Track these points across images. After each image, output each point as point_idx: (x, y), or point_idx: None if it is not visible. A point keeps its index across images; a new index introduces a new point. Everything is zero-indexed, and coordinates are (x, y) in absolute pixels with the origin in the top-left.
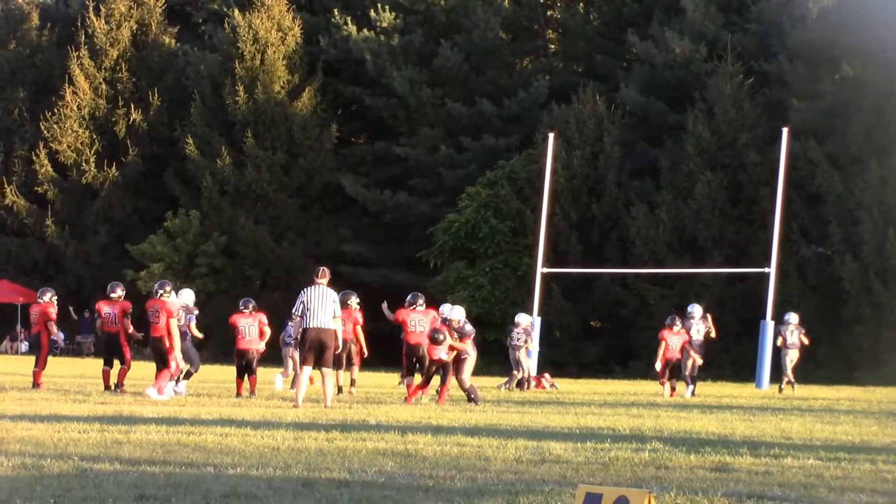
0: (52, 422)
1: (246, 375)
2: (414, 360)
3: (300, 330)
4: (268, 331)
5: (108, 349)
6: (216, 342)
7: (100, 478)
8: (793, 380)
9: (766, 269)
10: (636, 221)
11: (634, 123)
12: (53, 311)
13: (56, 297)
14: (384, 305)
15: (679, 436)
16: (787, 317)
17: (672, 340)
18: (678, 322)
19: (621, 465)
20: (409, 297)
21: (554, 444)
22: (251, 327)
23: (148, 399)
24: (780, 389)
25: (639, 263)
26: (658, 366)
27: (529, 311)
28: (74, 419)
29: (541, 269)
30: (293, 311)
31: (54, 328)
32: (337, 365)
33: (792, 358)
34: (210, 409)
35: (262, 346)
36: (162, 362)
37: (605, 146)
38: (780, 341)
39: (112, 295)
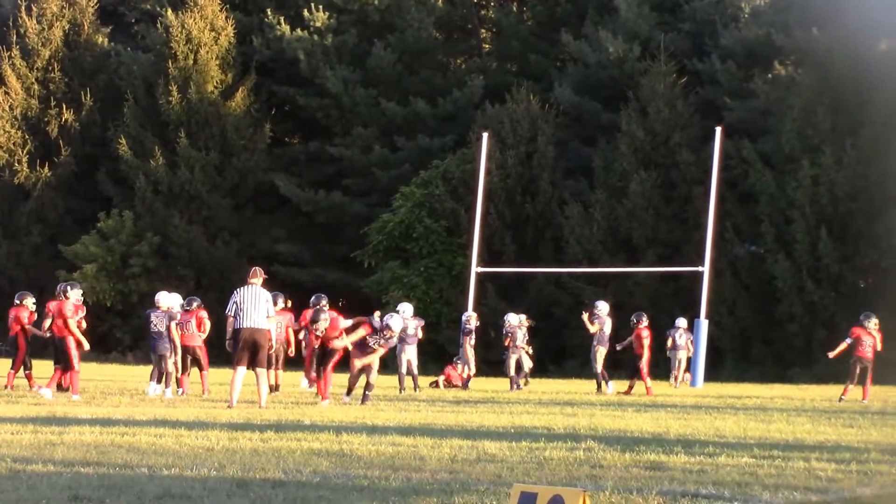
0: None
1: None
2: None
3: (232, 330)
4: (207, 324)
5: (62, 351)
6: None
7: (33, 479)
8: (681, 377)
9: (700, 268)
10: (570, 221)
11: (568, 123)
12: (25, 315)
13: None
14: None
15: (613, 434)
16: (677, 322)
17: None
18: (645, 318)
19: (556, 464)
20: (313, 299)
21: (489, 444)
22: (188, 323)
23: (45, 399)
24: (675, 386)
25: (573, 263)
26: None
27: (464, 310)
28: (7, 420)
29: (475, 269)
30: (226, 311)
31: (33, 330)
32: (269, 364)
33: (680, 358)
34: (144, 410)
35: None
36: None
37: (540, 145)
38: (669, 343)
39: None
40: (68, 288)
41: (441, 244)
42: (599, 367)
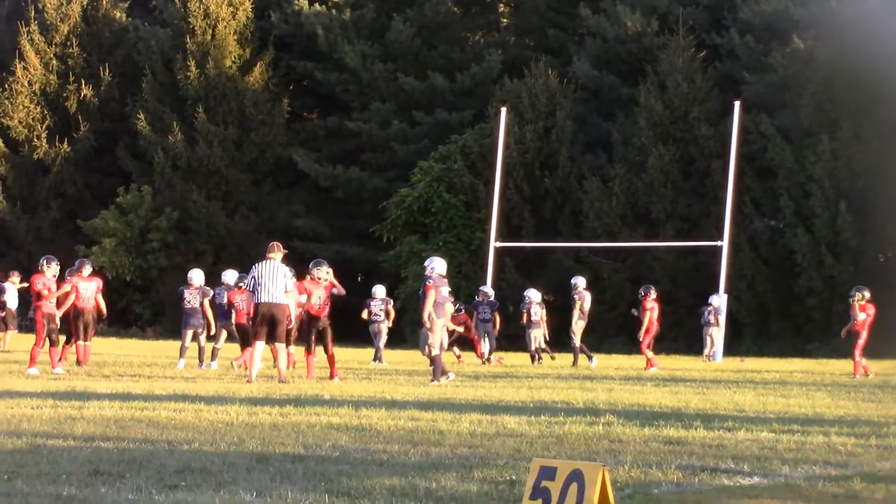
0: (5, 398)
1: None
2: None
3: (252, 305)
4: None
5: (85, 325)
6: (169, 317)
7: (53, 453)
8: (546, 350)
9: (719, 243)
10: (589, 195)
11: (587, 97)
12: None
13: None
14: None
15: (633, 409)
16: (710, 298)
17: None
18: (653, 291)
19: (575, 438)
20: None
21: (508, 418)
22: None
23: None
24: (539, 362)
25: (592, 237)
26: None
27: (483, 285)
28: (27, 395)
29: (494, 244)
30: (245, 285)
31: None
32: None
33: (536, 335)
34: (164, 385)
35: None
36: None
37: (558, 120)
38: (524, 318)
39: (84, 272)
40: (44, 262)
41: (460, 219)
42: (578, 341)
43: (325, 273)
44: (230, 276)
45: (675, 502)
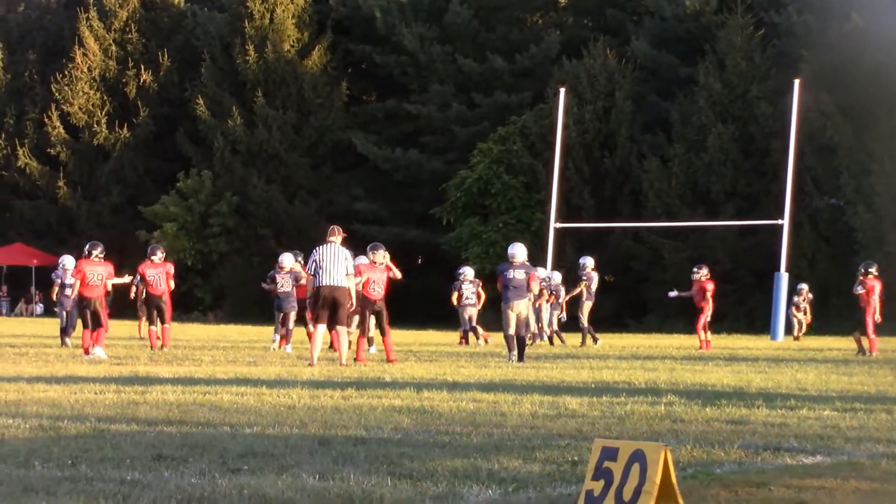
0: (69, 383)
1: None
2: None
3: (313, 288)
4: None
5: (158, 310)
6: (230, 301)
7: (117, 438)
8: (558, 332)
9: (780, 221)
10: (649, 175)
11: (646, 77)
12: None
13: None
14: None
15: (694, 389)
16: (799, 286)
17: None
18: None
19: (637, 418)
20: (368, 249)
21: (569, 399)
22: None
23: (98, 359)
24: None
25: (652, 217)
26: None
27: (543, 267)
28: (91, 380)
29: (554, 225)
30: (306, 269)
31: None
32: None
33: (471, 314)
34: (226, 369)
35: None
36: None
37: (617, 100)
38: (455, 298)
39: (154, 258)
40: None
41: (519, 200)
42: (586, 321)
43: (381, 257)
44: (287, 259)
45: (737, 482)
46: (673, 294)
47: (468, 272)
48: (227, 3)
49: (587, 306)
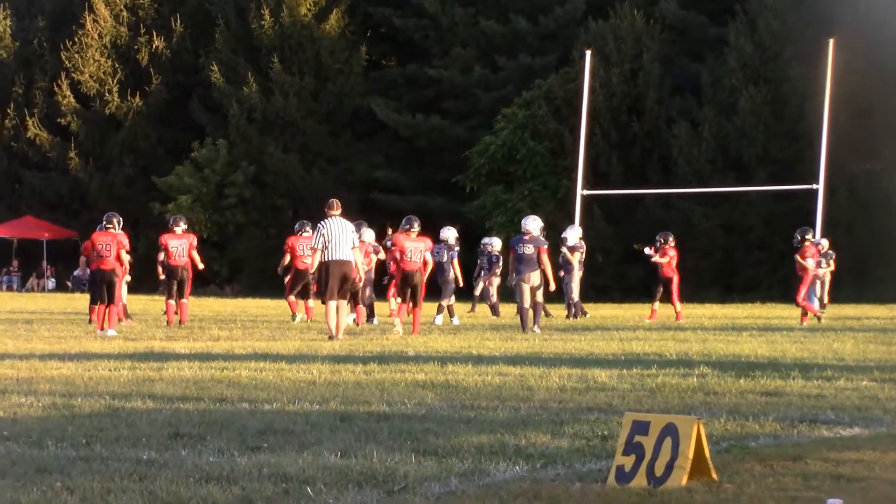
0: (82, 360)
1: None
2: (408, 287)
3: (320, 262)
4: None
5: (179, 283)
6: (247, 274)
7: (132, 416)
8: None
9: (814, 186)
10: (678, 140)
11: (674, 38)
12: (125, 241)
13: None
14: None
15: (728, 360)
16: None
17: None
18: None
19: (668, 391)
20: (403, 222)
21: (598, 372)
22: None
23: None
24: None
25: (682, 183)
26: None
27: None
28: (105, 357)
29: (581, 192)
30: (313, 244)
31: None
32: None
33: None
34: (244, 344)
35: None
36: (110, 296)
37: (645, 62)
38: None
39: (177, 229)
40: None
41: (545, 167)
42: (577, 295)
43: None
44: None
45: (772, 455)
46: (649, 251)
47: (495, 243)
48: None
49: (577, 278)
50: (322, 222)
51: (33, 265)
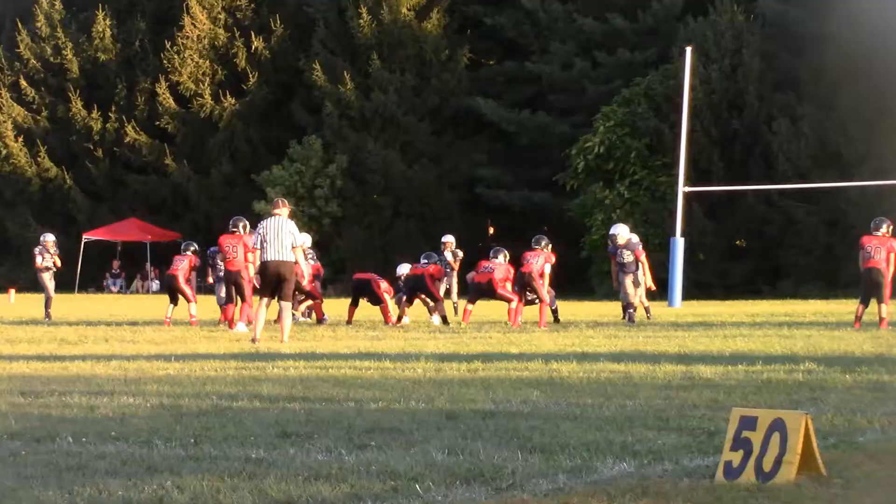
0: (188, 360)
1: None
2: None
3: (259, 263)
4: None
5: (236, 286)
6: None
7: (239, 415)
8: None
9: None
10: (778, 136)
11: (774, 34)
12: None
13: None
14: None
15: (833, 356)
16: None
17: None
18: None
19: (775, 387)
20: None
21: (703, 368)
22: (237, 247)
23: (241, 334)
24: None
25: (783, 180)
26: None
27: (671, 233)
28: (210, 357)
29: (682, 189)
30: (252, 243)
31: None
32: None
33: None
34: (348, 343)
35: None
36: (241, 295)
37: (745, 58)
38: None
39: (233, 229)
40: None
41: (644, 164)
42: (635, 296)
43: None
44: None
45: (881, 450)
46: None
47: (622, 230)
48: None
49: (631, 278)
50: (261, 222)
51: (138, 267)
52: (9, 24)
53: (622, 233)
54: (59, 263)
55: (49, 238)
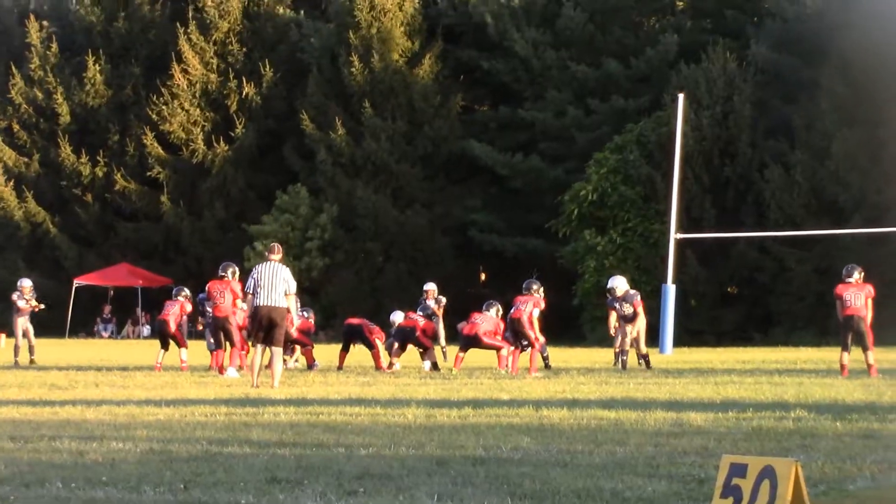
0: (178, 406)
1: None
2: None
3: (251, 308)
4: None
5: (225, 332)
6: (340, 320)
7: (229, 461)
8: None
9: None
10: (771, 184)
11: (767, 81)
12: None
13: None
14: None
15: (824, 403)
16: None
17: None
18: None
19: (765, 434)
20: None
21: (694, 415)
22: (225, 293)
23: (232, 379)
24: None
25: (775, 227)
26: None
27: (663, 280)
28: (200, 402)
29: (674, 236)
30: (245, 288)
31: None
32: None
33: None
34: (338, 389)
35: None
36: (230, 341)
37: (737, 105)
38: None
39: (222, 274)
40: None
41: (636, 211)
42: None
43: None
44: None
45: (871, 498)
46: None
47: (620, 283)
48: (334, 12)
49: (634, 328)
50: (256, 266)
51: (129, 312)
52: (2, 68)
53: (620, 285)
54: (37, 306)
55: (26, 283)
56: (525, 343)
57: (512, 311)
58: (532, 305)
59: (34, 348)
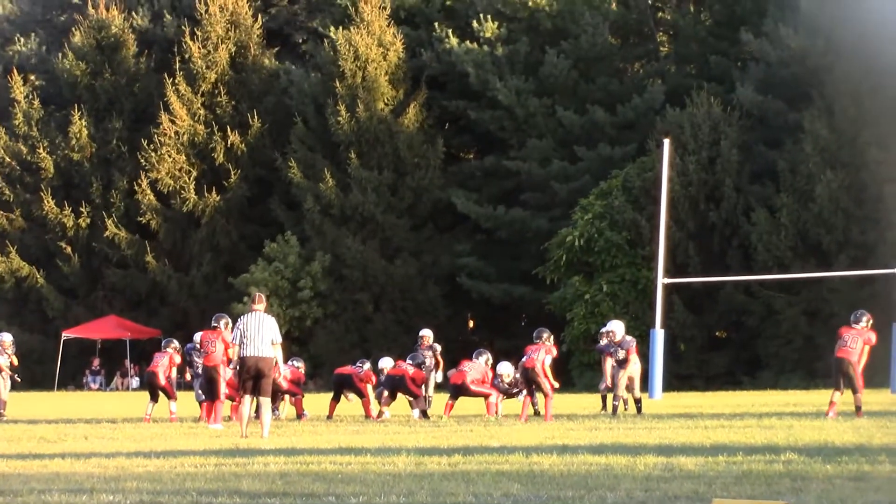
0: (168, 457)
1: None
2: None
3: (237, 359)
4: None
5: (212, 382)
6: (328, 370)
7: None
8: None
9: (894, 270)
10: (757, 227)
11: (752, 125)
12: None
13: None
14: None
15: (814, 446)
16: (609, 329)
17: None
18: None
19: (755, 477)
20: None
21: (684, 460)
22: (216, 343)
23: (218, 431)
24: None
25: (762, 270)
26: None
27: (652, 325)
28: (190, 453)
29: (662, 280)
30: (231, 339)
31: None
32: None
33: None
34: (328, 438)
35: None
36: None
37: (722, 150)
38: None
39: (215, 324)
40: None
41: (624, 257)
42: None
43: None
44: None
45: None
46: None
47: (619, 328)
48: (319, 62)
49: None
50: (241, 317)
51: (117, 364)
52: None
53: (619, 330)
54: (15, 362)
55: (6, 338)
56: (516, 391)
57: (524, 360)
58: (544, 353)
59: (6, 403)
